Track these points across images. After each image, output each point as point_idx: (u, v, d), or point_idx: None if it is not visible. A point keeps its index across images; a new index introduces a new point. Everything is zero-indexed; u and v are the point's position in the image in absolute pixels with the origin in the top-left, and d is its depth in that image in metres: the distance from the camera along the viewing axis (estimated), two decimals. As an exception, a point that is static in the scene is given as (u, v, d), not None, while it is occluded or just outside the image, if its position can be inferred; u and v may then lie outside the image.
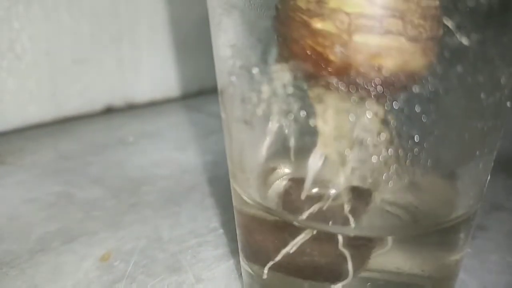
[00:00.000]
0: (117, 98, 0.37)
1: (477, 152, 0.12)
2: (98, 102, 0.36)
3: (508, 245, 0.19)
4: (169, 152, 0.30)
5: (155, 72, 0.38)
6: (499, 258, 0.18)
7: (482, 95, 0.11)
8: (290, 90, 0.11)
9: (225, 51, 0.13)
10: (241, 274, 0.16)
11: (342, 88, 0.10)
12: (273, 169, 0.14)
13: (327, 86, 0.10)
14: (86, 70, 0.35)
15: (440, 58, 0.10)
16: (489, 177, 0.13)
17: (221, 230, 0.20)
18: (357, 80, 0.09)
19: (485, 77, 0.11)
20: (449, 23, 0.09)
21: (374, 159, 0.11)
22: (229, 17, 0.12)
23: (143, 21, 0.37)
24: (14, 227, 0.21)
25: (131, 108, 0.38)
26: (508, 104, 0.11)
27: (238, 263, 0.18)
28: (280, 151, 0.13)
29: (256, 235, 0.14)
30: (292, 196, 0.13)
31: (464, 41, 0.09)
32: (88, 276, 0.17)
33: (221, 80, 0.14)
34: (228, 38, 0.12)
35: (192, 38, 0.39)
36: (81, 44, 0.34)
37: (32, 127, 0.33)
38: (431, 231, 0.12)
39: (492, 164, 0.13)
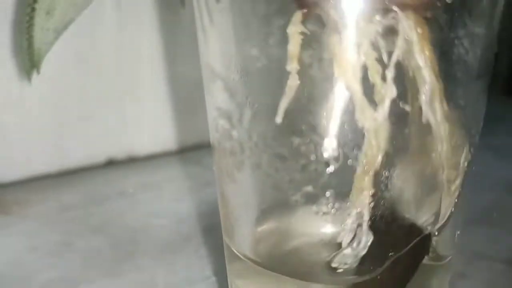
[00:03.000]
0: (119, 151, 0.39)
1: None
2: (100, 155, 0.39)
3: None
4: (167, 203, 0.31)
5: (155, 127, 0.41)
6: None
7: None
8: (268, 145, 0.13)
9: (212, 112, 0.15)
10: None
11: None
12: (260, 223, 0.16)
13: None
14: (90, 125, 0.37)
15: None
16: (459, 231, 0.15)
17: (213, 278, 0.22)
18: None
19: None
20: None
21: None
22: (214, 84, 0.14)
23: (146, 79, 0.40)
24: (17, 275, 0.22)
25: (132, 161, 0.40)
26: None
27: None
28: (265, 205, 0.15)
29: (247, 286, 0.15)
30: (280, 250, 0.15)
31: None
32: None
33: (212, 136, 0.16)
34: (214, 101, 0.14)
35: (191, 96, 0.42)
36: (87, 100, 0.37)
37: (37, 179, 0.35)
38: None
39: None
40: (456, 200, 0.14)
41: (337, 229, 0.14)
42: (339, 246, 0.14)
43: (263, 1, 0.12)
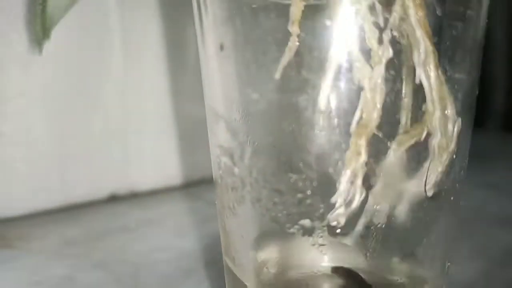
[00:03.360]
0: (121, 187, 0.40)
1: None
2: (103, 190, 0.39)
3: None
4: (169, 238, 0.32)
5: (158, 162, 0.42)
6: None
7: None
8: (267, 181, 0.14)
9: (215, 150, 0.16)
10: None
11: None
12: (260, 255, 0.16)
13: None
14: (94, 160, 0.38)
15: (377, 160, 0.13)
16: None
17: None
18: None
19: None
20: (380, 134, 0.13)
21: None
22: (217, 124, 0.15)
23: (150, 116, 0.41)
24: (21, 308, 0.23)
25: (134, 196, 0.41)
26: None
27: None
28: (264, 237, 0.16)
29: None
30: (279, 280, 0.16)
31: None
32: None
33: (214, 173, 0.17)
34: (217, 140, 0.16)
35: (194, 132, 0.43)
36: (91, 136, 0.38)
37: (40, 213, 0.36)
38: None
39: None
40: (446, 166, 0.14)
41: (333, 260, 0.14)
42: (336, 277, 0.14)
43: (263, 50, 0.13)
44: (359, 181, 0.13)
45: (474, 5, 0.14)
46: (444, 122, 0.13)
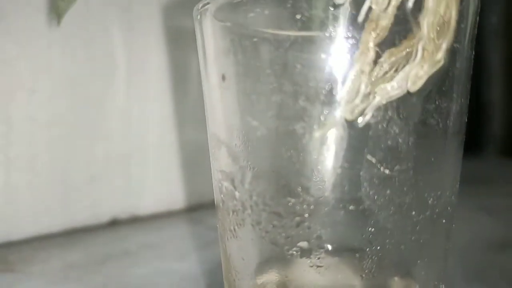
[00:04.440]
0: (123, 211, 0.41)
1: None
2: (104, 215, 0.40)
3: None
4: (170, 262, 0.33)
5: (159, 188, 0.43)
6: None
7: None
8: (266, 204, 0.15)
9: (217, 174, 0.17)
10: None
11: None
12: (260, 276, 0.17)
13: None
14: (96, 186, 0.39)
15: (371, 184, 0.14)
16: None
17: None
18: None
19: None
20: (373, 160, 0.13)
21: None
22: (219, 150, 0.16)
23: (152, 141, 0.42)
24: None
25: (135, 221, 0.41)
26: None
27: None
28: (264, 259, 0.16)
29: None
30: None
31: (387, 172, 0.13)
32: None
33: (216, 197, 0.18)
34: (219, 165, 0.16)
35: (195, 158, 0.44)
36: (94, 162, 0.39)
37: (42, 237, 0.36)
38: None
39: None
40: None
41: (331, 281, 0.15)
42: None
43: (262, 81, 0.14)
44: (365, 78, 0.13)
45: (460, 38, 0.15)
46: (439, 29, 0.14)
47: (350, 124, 0.14)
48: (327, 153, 0.14)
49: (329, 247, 0.15)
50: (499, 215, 0.40)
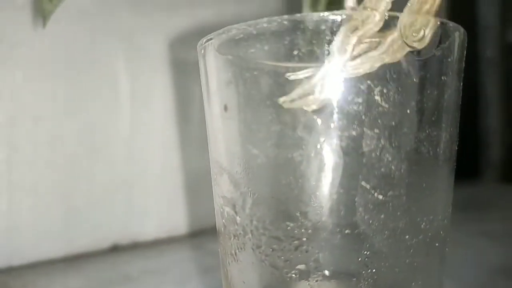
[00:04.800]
0: (124, 237, 0.41)
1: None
2: (105, 240, 0.41)
3: None
4: (170, 287, 0.33)
5: (161, 213, 0.43)
6: None
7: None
8: (266, 229, 0.16)
9: (219, 199, 0.18)
10: None
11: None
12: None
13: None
14: (97, 211, 0.40)
15: (366, 209, 0.15)
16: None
17: None
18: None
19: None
20: (368, 186, 0.14)
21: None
22: (221, 177, 0.17)
23: (154, 168, 0.43)
24: None
25: (136, 247, 0.42)
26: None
27: None
28: (264, 281, 0.17)
29: None
30: None
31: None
32: None
33: (218, 221, 0.18)
34: (221, 190, 0.17)
35: (196, 184, 0.45)
36: (95, 188, 0.40)
37: (44, 263, 0.37)
38: None
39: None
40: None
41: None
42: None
43: (262, 112, 0.15)
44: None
45: (447, 71, 0.16)
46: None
47: (346, 152, 0.15)
48: (324, 180, 0.15)
49: (327, 272, 0.16)
50: (499, 240, 0.41)
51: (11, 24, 0.36)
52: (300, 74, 0.15)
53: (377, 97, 0.14)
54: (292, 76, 0.15)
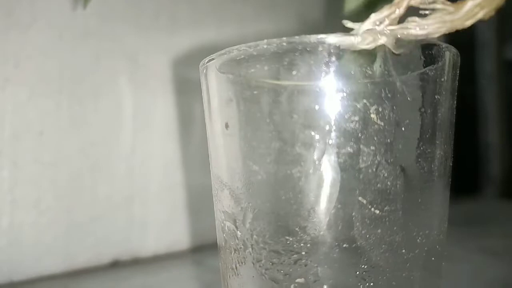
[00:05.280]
0: (124, 253, 0.42)
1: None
2: (106, 256, 0.41)
3: None
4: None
5: (161, 229, 0.44)
6: None
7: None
8: (266, 243, 0.16)
9: (220, 214, 0.18)
10: None
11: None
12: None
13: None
14: (98, 227, 0.40)
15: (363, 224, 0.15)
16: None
17: None
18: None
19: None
20: (365, 201, 0.15)
21: None
22: (222, 192, 0.17)
23: (155, 183, 0.43)
24: None
25: (137, 262, 0.42)
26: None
27: None
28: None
29: None
30: None
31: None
32: None
33: (219, 236, 0.19)
34: (222, 206, 0.18)
35: (197, 200, 0.45)
36: (96, 203, 0.40)
37: (45, 278, 0.37)
38: None
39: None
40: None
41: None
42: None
43: (262, 129, 0.16)
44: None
45: (441, 90, 0.16)
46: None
47: (343, 168, 0.15)
48: (322, 195, 0.15)
49: (325, 286, 0.16)
50: (499, 256, 0.41)
51: (17, 43, 0.37)
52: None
53: (373, 115, 0.15)
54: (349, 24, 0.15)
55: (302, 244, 0.16)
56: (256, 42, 0.16)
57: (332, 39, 0.15)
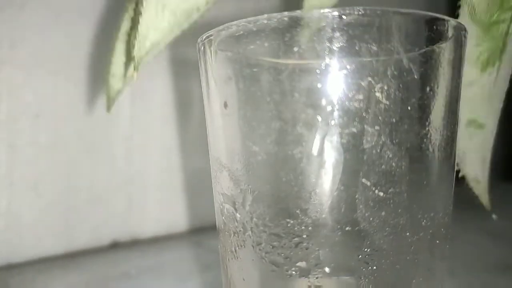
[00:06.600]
0: (123, 234, 0.42)
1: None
2: (105, 237, 0.41)
3: None
4: (169, 285, 0.33)
5: (160, 211, 0.44)
6: None
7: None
8: (266, 226, 0.16)
9: (219, 197, 0.18)
10: None
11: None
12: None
13: None
14: (97, 208, 0.40)
15: (366, 206, 0.15)
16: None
17: None
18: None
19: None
20: (368, 183, 0.14)
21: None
22: (221, 174, 0.17)
23: (153, 165, 0.43)
24: None
25: (135, 244, 0.42)
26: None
27: None
28: (264, 278, 0.17)
29: None
30: None
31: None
32: None
33: (218, 219, 0.18)
34: (221, 188, 0.17)
35: (196, 182, 0.45)
36: (95, 186, 0.40)
37: (43, 260, 0.37)
38: None
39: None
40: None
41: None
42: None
43: (262, 108, 0.15)
44: None
45: (449, 68, 0.16)
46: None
47: (346, 149, 0.15)
48: (324, 177, 0.15)
49: (327, 269, 0.16)
50: (502, 238, 0.41)
51: (11, 24, 0.36)
52: None
53: (378, 94, 0.14)
54: None
55: (303, 227, 0.15)
56: (256, 17, 0.15)
57: (336, 13, 0.14)
